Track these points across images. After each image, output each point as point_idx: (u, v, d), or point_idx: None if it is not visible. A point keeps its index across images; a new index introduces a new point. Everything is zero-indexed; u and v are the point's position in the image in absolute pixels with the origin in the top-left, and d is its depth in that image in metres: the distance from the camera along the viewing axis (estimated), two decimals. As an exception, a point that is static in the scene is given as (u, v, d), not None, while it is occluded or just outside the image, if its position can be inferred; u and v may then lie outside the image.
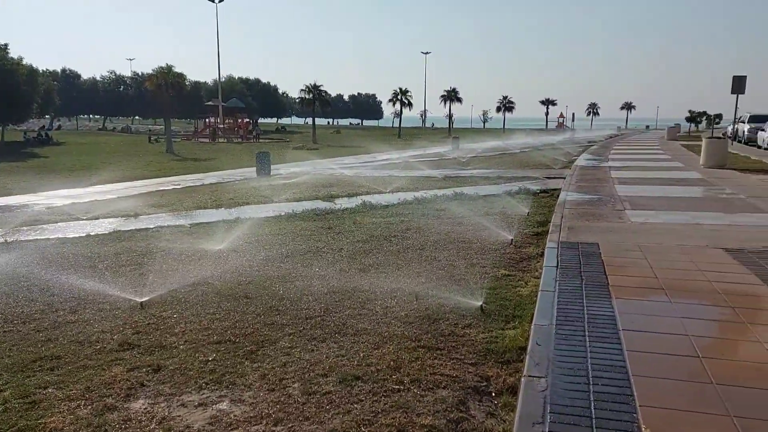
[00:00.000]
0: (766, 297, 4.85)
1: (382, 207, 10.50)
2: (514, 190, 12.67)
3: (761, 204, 10.01)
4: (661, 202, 10.30)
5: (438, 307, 4.93)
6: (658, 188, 12.48)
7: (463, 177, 16.25)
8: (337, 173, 18.09)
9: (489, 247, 7.14)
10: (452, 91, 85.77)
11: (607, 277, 5.44)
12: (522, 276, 5.94)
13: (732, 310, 4.49)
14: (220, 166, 22.48)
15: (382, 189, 13.20)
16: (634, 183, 13.40)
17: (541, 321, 4.31)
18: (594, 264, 5.94)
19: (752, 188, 12.29)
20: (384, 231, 8.23)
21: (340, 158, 27.47)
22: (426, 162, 22.50)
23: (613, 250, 6.56)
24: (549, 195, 11.91)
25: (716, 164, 17.38)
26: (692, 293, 4.96)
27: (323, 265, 6.38)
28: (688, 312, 4.47)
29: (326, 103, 56.98)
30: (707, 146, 18.12)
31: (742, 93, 27.09)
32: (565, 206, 9.78)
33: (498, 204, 10.56)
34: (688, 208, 9.59)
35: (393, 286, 5.50)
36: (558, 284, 5.23)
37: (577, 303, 4.70)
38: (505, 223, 8.61)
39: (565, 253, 6.43)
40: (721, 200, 10.73)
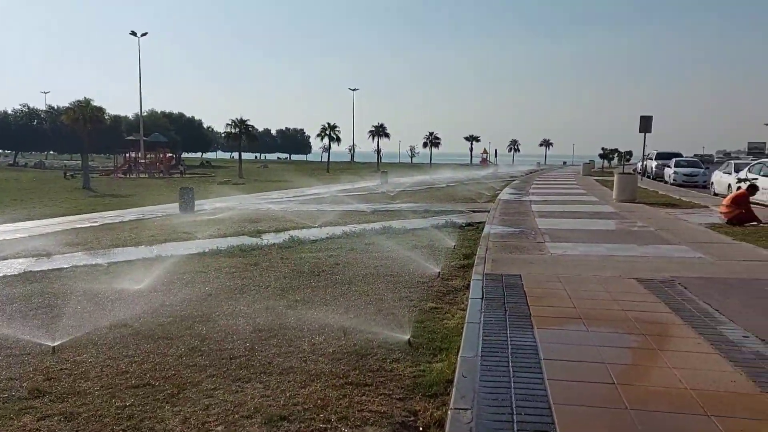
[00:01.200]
0: (674, 324, 5.14)
1: (310, 242, 10.44)
2: (441, 223, 12.92)
3: (668, 236, 10.65)
4: (578, 235, 10.77)
5: (366, 342, 4.91)
6: (575, 221, 13.06)
7: (391, 211, 16.43)
8: (263, 208, 17.86)
9: (417, 281, 7.22)
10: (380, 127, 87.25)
11: (529, 307, 5.61)
12: (449, 308, 6.02)
13: (644, 337, 4.72)
14: (141, 202, 21.72)
15: (310, 223, 13.13)
16: (553, 216, 13.97)
17: (468, 353, 4.38)
18: (517, 295, 6.12)
19: (660, 221, 13.08)
20: (312, 266, 8.17)
21: (267, 193, 27.19)
22: (355, 196, 22.61)
23: (534, 281, 6.78)
24: (474, 228, 12.20)
25: (627, 198, 18.41)
26: (607, 322, 5.19)
27: (249, 303, 6.24)
28: (604, 340, 4.67)
29: (253, 137, 56.49)
30: (619, 181, 19.19)
31: (649, 132, 29.02)
32: (489, 239, 10.06)
33: (425, 237, 10.72)
34: (602, 241, 10.07)
35: (321, 323, 5.44)
36: (483, 316, 5.35)
37: (502, 334, 4.82)
38: (432, 256, 8.74)
39: (489, 285, 6.60)
40: (633, 233, 11.34)
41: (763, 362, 4.17)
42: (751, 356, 4.29)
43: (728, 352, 4.37)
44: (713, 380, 3.83)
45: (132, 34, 50.46)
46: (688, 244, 9.64)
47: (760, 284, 6.73)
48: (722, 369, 4.03)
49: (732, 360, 4.19)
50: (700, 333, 4.83)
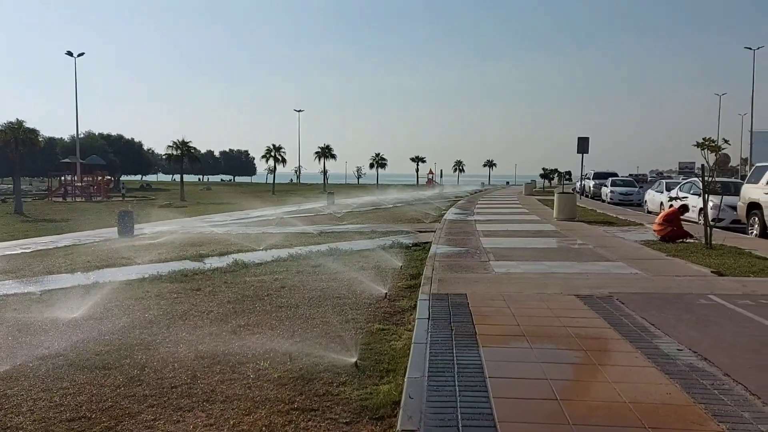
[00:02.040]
0: (612, 339, 5.30)
1: (255, 265, 10.28)
2: (388, 244, 12.97)
3: (606, 253, 11.03)
4: (521, 253, 11.02)
5: (313, 366, 4.86)
6: (518, 240, 13.36)
7: (338, 232, 16.39)
8: (206, 231, 17.50)
9: (364, 302, 7.20)
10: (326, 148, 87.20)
11: (474, 326, 5.68)
12: (396, 329, 6.03)
13: (584, 353, 4.85)
14: (78, 227, 20.90)
15: (255, 246, 12.95)
16: (497, 235, 14.25)
17: (414, 374, 4.39)
18: (463, 314, 6.19)
19: (598, 239, 13.53)
20: (257, 290, 8.04)
21: (211, 216, 26.66)
22: (301, 218, 22.45)
23: (479, 300, 6.88)
24: (421, 248, 12.31)
25: (567, 217, 18.98)
26: (550, 338, 5.31)
27: (190, 329, 6.07)
28: (547, 356, 4.77)
29: (196, 159, 55.41)
30: (559, 201, 19.78)
31: (587, 152, 30.03)
32: (435, 259, 10.16)
33: (372, 258, 10.73)
34: (544, 258, 10.34)
35: (266, 347, 5.35)
36: (430, 336, 5.38)
37: (448, 354, 4.85)
38: (379, 277, 8.75)
39: (436, 304, 6.65)
40: (573, 250, 11.69)
41: (696, 374, 4.35)
42: (684, 369, 4.47)
43: (663, 365, 4.54)
44: (650, 393, 3.96)
45: (68, 54, 49.00)
46: (625, 261, 10.00)
47: (692, 298, 7.03)
48: (658, 382, 4.18)
49: (667, 373, 4.35)
50: (638, 347, 5.00)
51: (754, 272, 8.88)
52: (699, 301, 6.87)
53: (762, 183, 14.85)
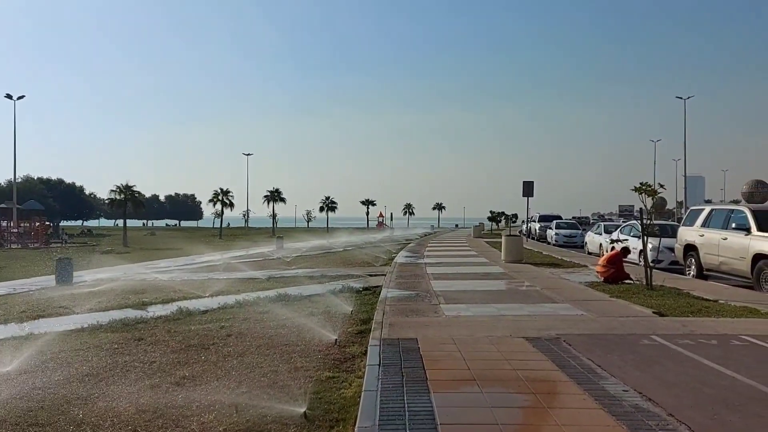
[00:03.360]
0: (560, 381, 5.36)
1: (200, 313, 9.98)
2: (338, 288, 12.86)
3: (553, 295, 11.24)
4: (471, 296, 11.10)
5: (260, 417, 4.70)
6: (468, 282, 13.48)
7: (287, 277, 16.16)
8: (150, 278, 16.96)
9: (313, 349, 7.07)
10: (275, 192, 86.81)
11: (425, 371, 5.65)
12: (346, 377, 5.93)
13: (534, 396, 4.88)
14: (13, 275, 19.91)
15: (200, 293, 12.61)
16: (447, 278, 14.35)
17: (365, 422, 4.30)
18: (414, 359, 6.15)
19: (545, 281, 13.80)
20: (202, 339, 7.79)
21: (155, 262, 25.91)
22: (249, 263, 22.08)
23: (430, 344, 6.86)
24: (371, 292, 12.25)
25: (515, 259, 19.33)
26: (500, 382, 5.32)
27: (131, 382, 5.81)
28: (497, 400, 4.77)
29: (139, 203, 54.17)
30: (506, 243, 20.16)
31: (532, 196, 30.91)
32: (386, 303, 10.12)
33: (322, 303, 10.60)
34: (493, 301, 10.44)
35: (211, 399, 5.16)
36: (381, 383, 5.31)
37: (399, 401, 4.79)
38: (329, 323, 8.63)
39: (386, 350, 6.59)
40: (521, 292, 11.86)
41: (641, 414, 4.43)
42: (630, 409, 4.54)
43: (610, 406, 4.60)
44: (598, 435, 4.00)
45: (7, 96, 47.62)
46: (571, 302, 10.21)
47: (635, 339, 7.21)
48: (606, 423, 4.23)
49: (614, 414, 4.41)
50: (585, 389, 5.07)
51: (693, 312, 9.20)
52: (642, 342, 7.04)
53: (696, 226, 15.56)
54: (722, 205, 16.19)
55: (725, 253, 13.92)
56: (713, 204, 18.12)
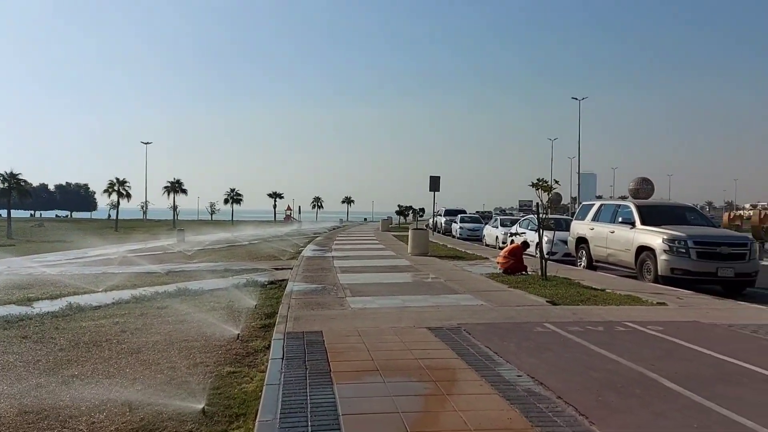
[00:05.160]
0: (460, 369, 5.53)
1: (92, 308, 9.44)
2: (242, 282, 12.59)
3: (456, 286, 11.57)
4: (377, 288, 11.21)
5: (155, 415, 4.52)
6: (374, 275, 13.60)
7: (188, 271, 15.62)
8: (37, 272, 15.84)
9: (214, 345, 6.88)
10: (176, 183, 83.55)
11: (329, 363, 5.64)
12: (248, 371, 5.82)
13: (434, 384, 5.00)
14: None
15: (93, 288, 11.92)
16: (354, 271, 14.40)
17: (266, 416, 4.24)
18: (318, 352, 6.13)
19: (449, 272, 14.19)
20: (94, 336, 7.38)
21: (43, 255, 24.22)
22: (147, 256, 21.13)
23: (335, 336, 6.86)
24: (277, 286, 12.09)
25: (421, 252, 19.73)
26: (402, 371, 5.41)
27: (13, 382, 5.40)
28: (399, 390, 4.85)
29: (26, 193, 50.42)
30: (413, 237, 20.53)
31: (438, 190, 31.49)
32: (292, 296, 10.02)
33: (225, 298, 10.33)
34: (399, 293, 10.60)
35: (102, 398, 4.89)
36: (283, 376, 5.24)
37: (302, 393, 4.76)
38: (231, 317, 8.43)
39: (290, 343, 6.52)
40: (426, 284, 12.13)
41: (533, 398, 4.65)
42: (524, 394, 4.76)
43: (505, 391, 4.81)
44: (494, 420, 4.16)
45: None
46: (472, 293, 10.55)
47: (530, 326, 7.57)
48: (500, 408, 4.41)
49: (508, 399, 4.61)
50: (482, 375, 5.26)
51: (582, 301, 9.78)
52: (536, 329, 7.40)
53: (587, 220, 16.55)
54: (610, 201, 17.33)
55: (613, 245, 14.90)
56: (603, 200, 19.36)
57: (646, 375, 5.36)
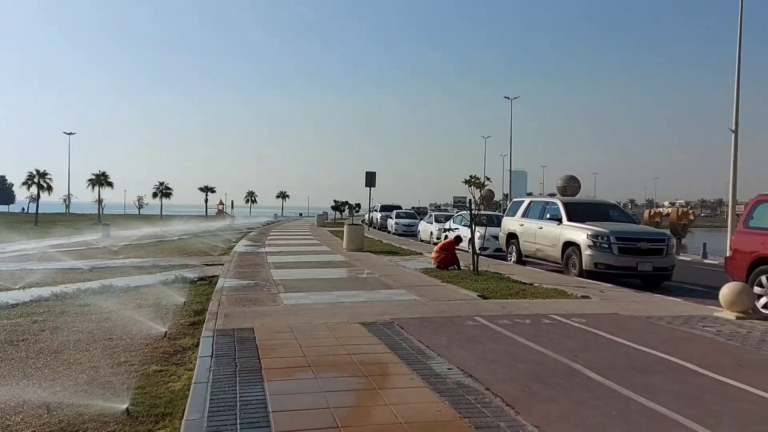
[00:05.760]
0: (392, 363, 5.57)
1: (8, 307, 8.93)
2: (171, 279, 12.23)
3: (390, 281, 11.66)
4: (311, 284, 11.14)
5: (76, 417, 4.33)
6: (308, 271, 13.51)
7: (113, 267, 15.03)
8: (-53, 269, 14.84)
9: (140, 343, 6.65)
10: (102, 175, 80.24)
11: (260, 360, 5.57)
12: (175, 370, 5.66)
13: (366, 379, 5.02)
14: None
15: (9, 285, 11.29)
16: (288, 267, 14.26)
17: (193, 415, 4.14)
18: (248, 349, 6.03)
19: (383, 268, 14.27)
20: (10, 335, 6.99)
21: (-45, 251, 22.71)
22: (70, 252, 20.18)
23: (267, 333, 6.77)
24: (207, 282, 11.81)
25: (356, 248, 19.74)
26: (334, 367, 5.40)
27: None
28: (331, 385, 4.84)
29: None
30: (348, 232, 20.51)
31: (374, 186, 31.69)
32: (222, 293, 9.81)
33: (152, 295, 10.00)
34: (333, 288, 10.57)
35: (18, 400, 4.65)
36: (212, 374, 5.13)
37: (231, 391, 4.67)
38: (159, 315, 8.18)
39: (220, 341, 6.39)
40: (360, 279, 12.15)
41: (462, 390, 4.76)
42: (453, 386, 4.86)
43: (435, 384, 4.89)
44: (423, 412, 4.22)
45: None
46: (406, 288, 10.66)
47: (461, 320, 7.73)
48: (430, 401, 4.48)
49: (438, 391, 4.69)
50: (414, 369, 5.32)
51: (512, 294, 10.07)
52: (467, 323, 7.56)
53: (518, 216, 17.02)
54: (539, 198, 17.86)
55: (541, 241, 15.39)
56: (532, 197, 19.94)
57: (570, 365, 5.58)
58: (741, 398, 4.75)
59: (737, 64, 21.52)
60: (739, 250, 9.96)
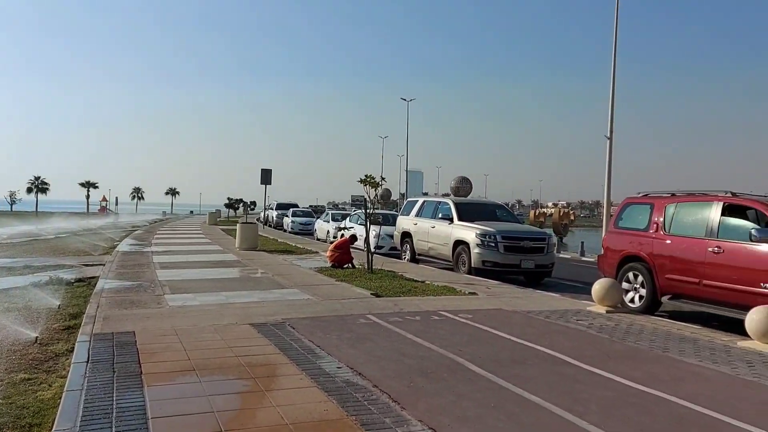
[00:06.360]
0: (281, 364, 5.52)
1: None
2: (45, 280, 11.34)
3: (283, 281, 11.52)
4: (200, 285, 10.77)
5: (-76, 436, 3.92)
6: (197, 271, 13.05)
7: (-22, 269, 13.72)
8: None
9: (6, 350, 6.14)
10: (-32, 168, 72.99)
11: (141, 365, 5.31)
12: (46, 378, 5.28)
13: (254, 381, 4.94)
14: None
15: None
16: (175, 267, 13.69)
17: (64, 425, 3.89)
18: (128, 354, 5.73)
19: (277, 267, 14.07)
20: None
21: None
22: (-74, 252, 18.20)
23: (149, 336, 6.47)
24: (86, 284, 11.09)
25: (249, 247, 19.32)
26: (220, 370, 5.26)
27: None
28: (215, 389, 4.71)
29: None
30: (241, 231, 20.02)
31: (269, 183, 31.15)
32: (102, 295, 9.26)
33: (23, 297, 9.24)
34: (223, 289, 10.27)
35: None
36: (87, 381, 4.84)
37: (107, 398, 4.43)
38: (29, 319, 7.58)
39: (98, 345, 6.03)
40: (252, 279, 11.91)
41: (351, 388, 4.80)
42: (342, 384, 4.89)
43: (324, 383, 4.89)
44: (311, 412, 4.22)
45: None
46: (299, 287, 10.58)
47: (353, 318, 7.79)
48: (318, 400, 4.48)
49: (326, 390, 4.70)
50: (303, 369, 5.30)
51: (404, 292, 10.28)
52: (359, 321, 7.63)
53: (412, 215, 17.40)
54: (433, 198, 18.37)
55: (433, 239, 15.84)
56: (426, 196, 20.48)
57: (455, 360, 5.79)
58: (607, 386, 5.15)
59: (612, 78, 23.22)
60: (610, 248, 10.77)
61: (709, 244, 8.65)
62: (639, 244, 9.92)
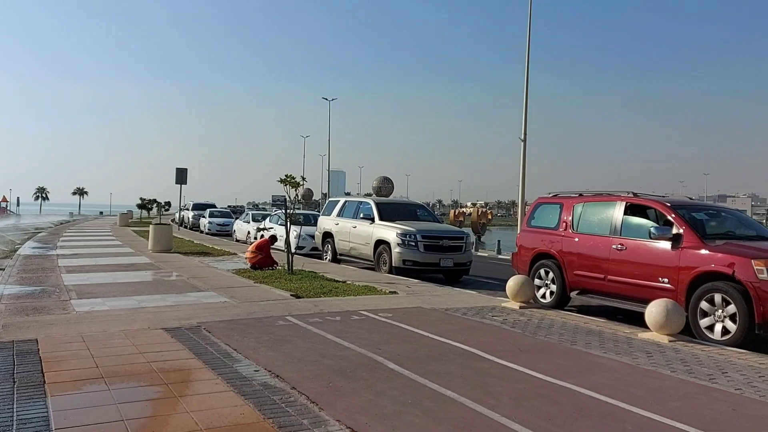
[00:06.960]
0: (196, 369, 5.37)
1: None
2: (-66, 287, 10.48)
3: (199, 284, 11.20)
4: (110, 289, 10.30)
5: None
6: (107, 275, 12.46)
7: None
8: None
9: None
10: None
11: (44, 375, 5.03)
12: (-66, 393, 4.88)
13: (166, 387, 4.78)
14: None
15: None
16: (83, 271, 13.02)
17: (-46, 444, 3.61)
18: (30, 363, 5.41)
19: (193, 269, 13.67)
20: None
21: None
22: None
23: (53, 344, 6.13)
24: (-18, 290, 10.33)
25: (163, 249, 18.65)
26: (131, 377, 5.06)
27: None
28: (125, 396, 4.53)
29: None
30: (155, 232, 19.28)
31: (185, 183, 30.31)
32: (1, 301, 8.68)
33: None
34: (135, 293, 9.88)
35: None
36: (-18, 394, 4.52)
37: (7, 410, 4.17)
38: None
39: (-5, 356, 5.64)
40: (166, 282, 11.51)
41: (268, 391, 4.74)
42: (259, 388, 4.83)
43: (240, 387, 4.81)
44: (226, 416, 4.13)
45: None
46: (216, 290, 10.33)
47: (272, 320, 7.69)
48: (234, 404, 4.40)
49: (243, 394, 4.63)
50: (219, 373, 5.18)
51: (324, 293, 10.25)
52: (278, 323, 7.55)
53: (333, 215, 17.38)
54: (354, 198, 18.41)
55: (355, 239, 15.89)
56: (347, 196, 20.51)
57: (373, 359, 5.84)
58: (518, 379, 5.36)
59: (525, 85, 24.13)
60: (523, 246, 11.20)
61: (612, 242, 9.18)
62: (550, 242, 10.37)
